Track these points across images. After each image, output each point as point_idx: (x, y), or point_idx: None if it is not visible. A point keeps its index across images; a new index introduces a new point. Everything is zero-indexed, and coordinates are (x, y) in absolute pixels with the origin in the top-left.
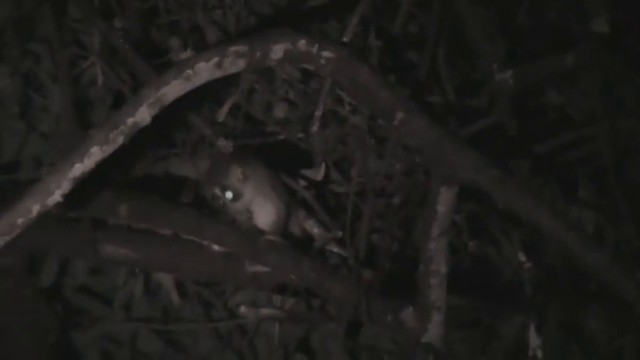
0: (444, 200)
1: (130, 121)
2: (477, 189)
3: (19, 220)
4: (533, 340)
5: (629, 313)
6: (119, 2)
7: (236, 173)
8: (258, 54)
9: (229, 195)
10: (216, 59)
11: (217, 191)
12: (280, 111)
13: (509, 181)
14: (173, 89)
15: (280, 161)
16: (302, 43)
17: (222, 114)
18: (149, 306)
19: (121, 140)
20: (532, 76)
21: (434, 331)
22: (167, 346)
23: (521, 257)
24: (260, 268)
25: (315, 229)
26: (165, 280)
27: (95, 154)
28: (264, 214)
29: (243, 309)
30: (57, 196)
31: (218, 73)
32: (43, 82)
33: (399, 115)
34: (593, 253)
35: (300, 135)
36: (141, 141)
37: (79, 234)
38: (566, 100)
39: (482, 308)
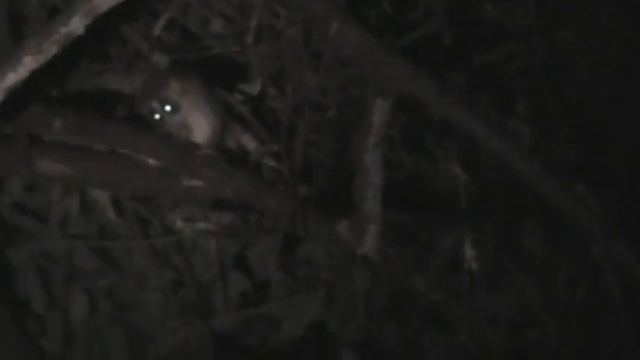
0: (379, 111)
1: (63, 30)
2: (412, 100)
3: None
4: (469, 252)
5: (565, 227)
6: None
7: (174, 87)
8: None
9: (167, 108)
10: None
11: (155, 105)
12: (216, 25)
13: (444, 92)
14: None
15: (217, 76)
16: None
17: (157, 28)
18: (85, 223)
19: (54, 50)
20: None
21: (369, 243)
22: (103, 263)
23: (457, 170)
24: (196, 182)
25: (251, 144)
26: (101, 196)
27: (28, 63)
28: (200, 127)
29: (179, 223)
30: None
31: None
32: None
33: (334, 26)
34: (528, 163)
35: (236, 49)
36: (76, 55)
37: (13, 150)
38: (502, 12)
39: (418, 222)
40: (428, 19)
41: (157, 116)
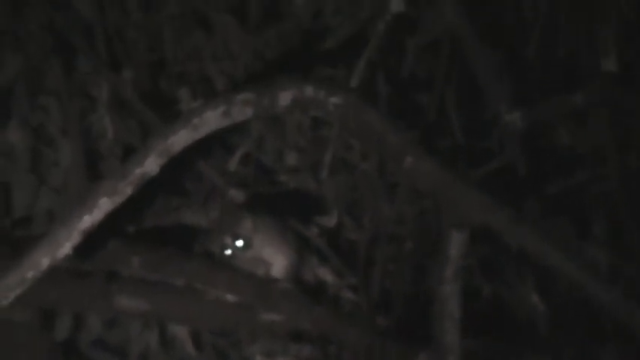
0: (456, 243)
1: (138, 171)
2: (488, 231)
3: (30, 274)
4: None
5: None
6: (127, 53)
7: (246, 224)
8: (265, 101)
9: (240, 243)
10: (223, 108)
11: (227, 240)
12: (291, 159)
13: (521, 222)
14: (181, 139)
15: (292, 208)
16: (309, 90)
17: (233, 163)
18: (165, 358)
19: (129, 191)
20: (541, 116)
21: None
22: None
23: (535, 298)
24: (274, 316)
25: (328, 276)
26: (180, 330)
27: (104, 205)
28: (276, 262)
29: (258, 357)
30: (67, 249)
31: (226, 122)
32: (53, 136)
33: (409, 159)
34: (607, 291)
35: (311, 182)
36: (152, 191)
37: (92, 287)
38: (576, 138)
39: (496, 350)
40: (502, 149)
41: (229, 251)
